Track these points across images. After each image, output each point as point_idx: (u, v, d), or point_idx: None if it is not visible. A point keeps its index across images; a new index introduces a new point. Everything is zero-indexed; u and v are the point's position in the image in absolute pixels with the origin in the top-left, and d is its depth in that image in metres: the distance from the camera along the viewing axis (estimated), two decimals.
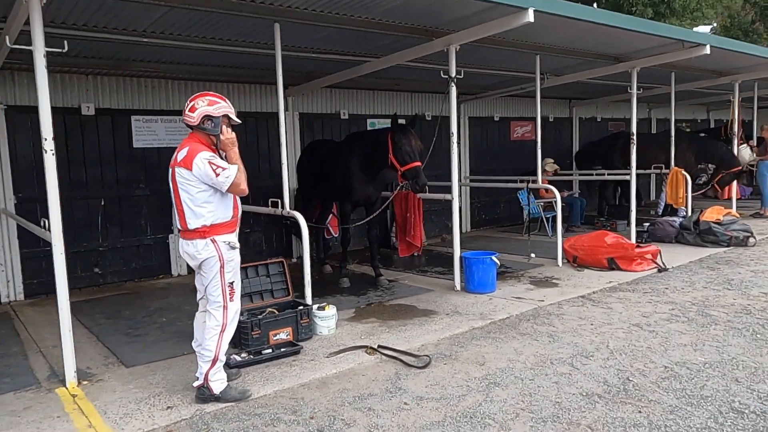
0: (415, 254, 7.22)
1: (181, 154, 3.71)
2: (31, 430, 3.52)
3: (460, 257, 6.57)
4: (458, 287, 6.62)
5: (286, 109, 9.07)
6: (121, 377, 4.35)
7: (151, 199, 7.99)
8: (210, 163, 3.63)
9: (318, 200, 7.77)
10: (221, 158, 3.79)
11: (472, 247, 9.78)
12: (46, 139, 4.01)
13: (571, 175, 11.83)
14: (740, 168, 11.23)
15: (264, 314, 4.93)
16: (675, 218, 9.56)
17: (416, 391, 3.88)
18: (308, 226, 8.00)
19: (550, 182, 11.20)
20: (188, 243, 3.79)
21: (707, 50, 7.75)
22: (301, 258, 8.46)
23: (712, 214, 9.11)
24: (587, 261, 7.69)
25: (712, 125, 17.00)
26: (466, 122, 11.80)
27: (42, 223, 4.36)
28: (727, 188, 11.62)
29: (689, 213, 9.99)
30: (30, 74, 7.02)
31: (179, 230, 3.88)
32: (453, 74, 6.38)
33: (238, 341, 4.79)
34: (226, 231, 3.81)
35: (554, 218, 10.90)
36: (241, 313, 4.83)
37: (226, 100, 3.89)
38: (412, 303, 6.19)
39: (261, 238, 9.08)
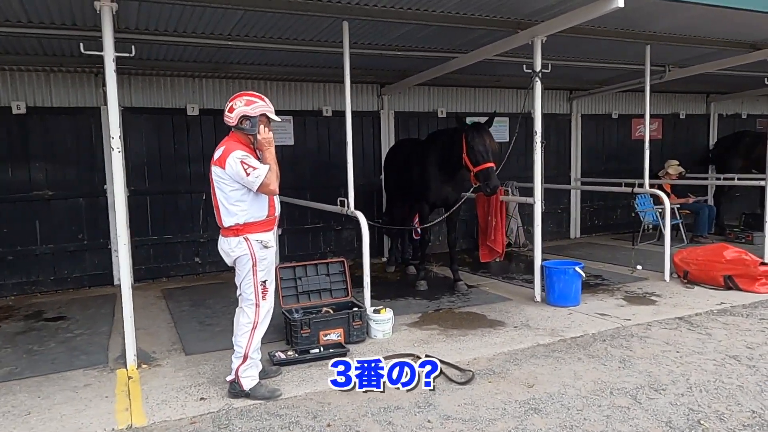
0: (497, 260, 6.83)
1: (217, 153, 3.80)
2: (80, 406, 3.81)
3: (541, 266, 6.07)
4: (538, 298, 6.14)
5: (381, 107, 9.27)
6: (177, 364, 4.58)
7: None
8: (242, 162, 3.67)
9: (403, 200, 7.65)
10: (257, 158, 3.81)
11: (574, 254, 9.14)
12: (113, 138, 4.26)
13: (705, 179, 10.49)
14: None
15: (317, 314, 4.92)
16: None
17: (446, 409, 3.62)
18: (392, 227, 8.06)
19: (673, 187, 10.12)
20: (224, 240, 3.87)
21: None
22: (390, 257, 8.50)
23: None
24: (700, 277, 6.75)
25: None
26: (578, 120, 10.97)
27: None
28: None
29: None
30: (142, 78, 7.82)
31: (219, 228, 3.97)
32: (538, 68, 5.90)
33: (289, 339, 4.85)
34: (260, 230, 3.84)
35: (675, 227, 9.87)
36: (296, 311, 4.92)
37: (265, 99, 3.91)
38: (483, 312, 5.85)
39: (353, 235, 9.15)
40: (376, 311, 5.10)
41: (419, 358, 4.46)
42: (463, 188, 6.54)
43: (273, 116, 3.90)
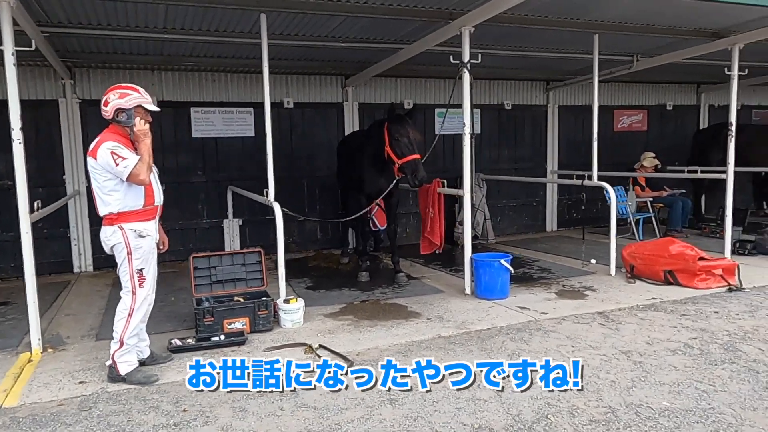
0: (437, 252, 6.80)
1: (92, 144, 3.89)
2: None
3: (470, 259, 6.04)
4: (468, 291, 6.11)
5: (345, 99, 9.29)
6: (82, 349, 4.73)
7: (209, 185, 8.55)
8: (112, 153, 3.76)
9: (350, 192, 7.67)
10: (134, 149, 3.89)
11: (539, 248, 9.11)
12: (13, 130, 4.39)
13: (678, 172, 10.18)
14: None
15: (224, 302, 5.01)
16: None
17: (305, 399, 3.66)
18: (319, 220, 8.04)
19: (648, 180, 9.90)
20: (102, 229, 3.98)
21: None
22: (356, 248, 8.49)
23: None
24: (644, 272, 6.62)
25: None
26: (555, 111, 10.80)
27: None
28: None
29: None
30: (101, 71, 7.96)
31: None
32: (466, 59, 5.84)
33: (194, 326, 4.95)
34: (136, 219, 3.92)
35: (648, 221, 9.67)
36: (207, 300, 5.01)
37: (140, 90, 3.98)
38: (408, 303, 5.85)
39: (316, 227, 9.23)
40: (286, 301, 5.16)
41: (311, 347, 4.52)
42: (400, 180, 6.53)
43: (150, 107, 3.97)
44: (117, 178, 3.82)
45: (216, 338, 4.71)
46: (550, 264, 7.70)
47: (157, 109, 4.02)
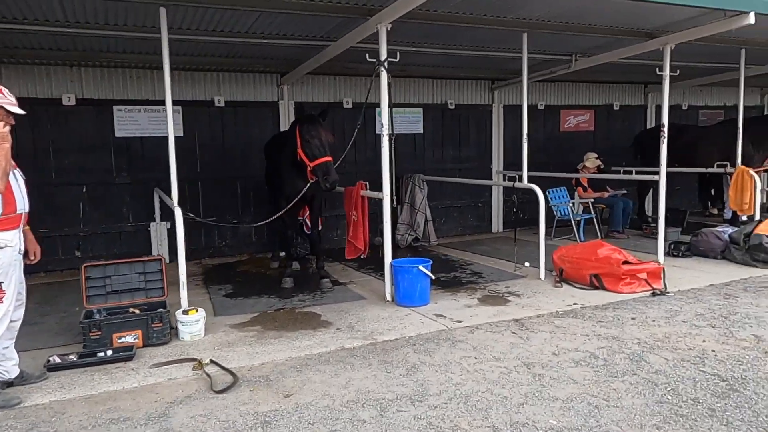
0: (361, 257, 6.57)
1: None
2: None
3: (390, 265, 5.82)
4: (389, 298, 5.90)
5: (281, 98, 8.99)
6: None
7: (134, 187, 8.18)
8: None
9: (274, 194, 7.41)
10: None
11: (478, 250, 8.96)
12: None
13: (618, 172, 10.14)
14: None
15: (116, 315, 4.70)
16: (725, 228, 7.79)
17: (176, 422, 3.39)
18: (219, 224, 7.73)
19: (591, 181, 9.84)
20: None
21: (751, 19, 6.12)
22: (274, 253, 8.19)
23: None
24: (573, 276, 6.50)
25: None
26: (500, 111, 10.66)
27: None
28: None
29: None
30: (15, 67, 7.53)
31: None
32: (383, 57, 5.62)
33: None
34: None
35: (589, 222, 9.61)
36: (99, 312, 4.70)
37: (3, 90, 3.65)
38: (323, 312, 5.61)
39: (250, 230, 8.92)
40: (185, 312, 4.87)
41: (201, 363, 4.25)
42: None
43: (13, 109, 3.64)
44: None
45: (102, 354, 4.40)
46: (483, 267, 7.54)
47: (21, 111, 3.69)
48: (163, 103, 8.20)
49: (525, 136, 7.25)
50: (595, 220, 9.60)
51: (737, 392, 3.60)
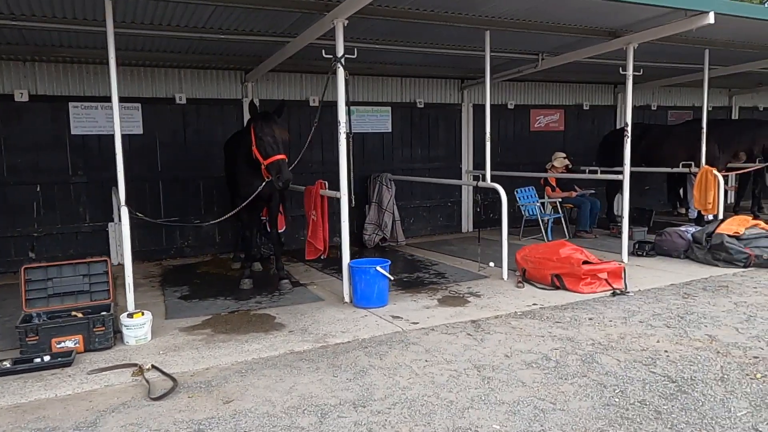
0: (321, 257, 6.45)
1: None
2: None
3: (348, 266, 5.70)
4: (347, 299, 5.78)
5: (245, 95, 8.82)
6: None
7: (91, 186, 7.95)
8: None
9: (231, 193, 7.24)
10: None
11: (445, 250, 8.86)
12: None
13: (585, 172, 10.14)
14: None
15: (57, 319, 4.52)
16: (688, 228, 7.82)
17: (104, 431, 3.24)
18: (212, 222, 7.54)
19: (560, 181, 9.83)
20: None
21: (710, 19, 6.13)
22: (236, 253, 7.98)
23: (732, 224, 7.30)
24: (535, 276, 6.45)
25: (736, 113, 14.01)
26: (469, 110, 10.61)
27: None
28: None
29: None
30: None
31: None
32: (340, 54, 5.50)
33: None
34: None
35: (558, 221, 9.60)
36: (37, 316, 4.51)
37: None
38: (278, 314, 5.48)
39: (213, 230, 8.73)
40: (130, 315, 4.70)
41: (142, 369, 4.09)
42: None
43: None
44: None
45: (39, 360, 4.21)
46: (448, 268, 7.46)
47: None
48: (123, 99, 8.05)
49: (488, 136, 7.20)
50: (563, 219, 9.59)
51: (685, 394, 3.55)
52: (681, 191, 12.05)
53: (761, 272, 6.74)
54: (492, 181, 7.41)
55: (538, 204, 9.41)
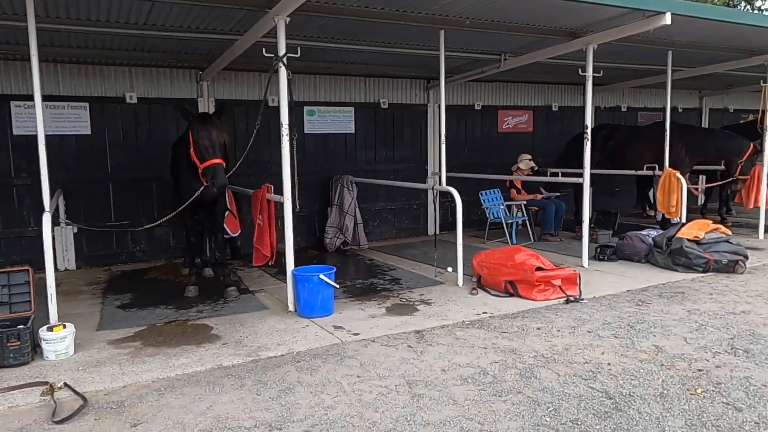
0: (269, 264, 6.22)
1: None
2: None
3: (292, 273, 5.47)
4: (291, 308, 5.56)
5: (200, 95, 8.55)
6: None
7: (35, 188, 7.62)
8: None
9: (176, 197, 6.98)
10: None
11: (407, 253, 8.66)
12: None
13: (547, 174, 10.01)
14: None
15: None
16: (650, 232, 7.71)
17: None
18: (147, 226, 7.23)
19: (526, 183, 9.69)
20: None
21: (667, 20, 6.01)
22: (185, 258, 7.65)
23: (693, 229, 7.19)
24: (490, 282, 6.28)
25: (706, 114, 14.03)
26: (435, 111, 10.40)
27: None
28: (753, 193, 9.28)
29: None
30: None
31: None
32: (281, 52, 5.27)
33: None
34: None
35: (521, 224, 9.47)
36: None
37: None
38: (217, 324, 5.24)
39: (168, 233, 8.45)
40: (50, 329, 4.43)
41: (52, 387, 3.83)
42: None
43: None
44: None
45: None
46: (405, 273, 7.27)
47: None
48: (69, 99, 7.83)
49: (442, 138, 7.03)
50: (528, 222, 9.46)
51: (621, 412, 3.39)
52: (650, 193, 11.98)
53: (719, 277, 6.64)
54: (456, 183, 7.25)
55: (502, 207, 9.25)
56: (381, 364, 4.18)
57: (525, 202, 9.49)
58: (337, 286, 5.50)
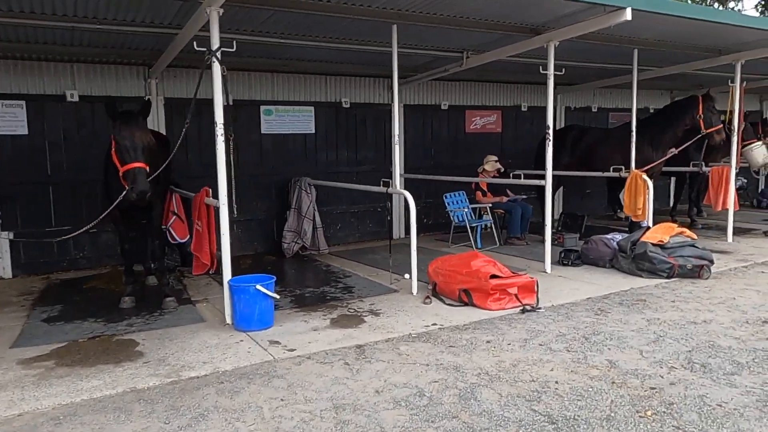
0: (209, 272, 5.85)
1: None
2: None
3: (228, 284, 5.10)
4: (228, 321, 5.18)
5: (148, 93, 8.12)
6: None
7: None
8: None
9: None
10: None
11: (368, 258, 8.34)
12: None
13: (511, 176, 9.73)
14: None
15: None
16: (614, 236, 7.46)
17: None
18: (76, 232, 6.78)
19: (490, 185, 9.41)
20: None
21: (627, 15, 5.75)
22: (131, 269, 7.16)
23: (657, 232, 6.96)
24: (445, 290, 5.97)
25: None
26: (400, 111, 10.07)
27: None
28: (721, 195, 9.08)
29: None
30: None
31: None
32: (215, 47, 4.90)
33: None
34: None
35: (487, 227, 9.20)
36: None
37: None
38: (144, 339, 4.85)
39: (114, 240, 7.96)
40: None
41: None
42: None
43: None
44: None
45: None
46: (360, 280, 6.93)
47: None
48: (3, 96, 7.36)
49: (396, 138, 6.74)
50: (493, 225, 9.18)
51: None
52: (621, 195, 11.79)
53: (684, 283, 6.41)
54: (420, 185, 6.92)
55: (466, 209, 8.95)
56: (311, 386, 3.83)
57: (491, 205, 9.21)
58: (278, 297, 5.14)
